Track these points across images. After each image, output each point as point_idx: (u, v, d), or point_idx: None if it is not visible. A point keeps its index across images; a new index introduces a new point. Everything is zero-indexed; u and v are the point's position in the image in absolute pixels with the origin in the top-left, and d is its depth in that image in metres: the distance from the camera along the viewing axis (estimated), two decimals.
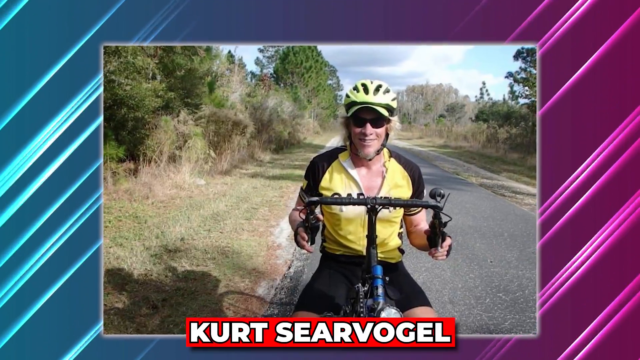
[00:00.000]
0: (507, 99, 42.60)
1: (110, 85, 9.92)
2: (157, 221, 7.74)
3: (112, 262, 5.59)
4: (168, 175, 10.98)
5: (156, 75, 12.42)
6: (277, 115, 25.18)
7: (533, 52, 26.33)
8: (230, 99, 18.29)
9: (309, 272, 5.52)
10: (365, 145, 2.44)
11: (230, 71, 22.18)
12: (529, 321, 4.45)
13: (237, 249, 6.51)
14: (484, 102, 70.01)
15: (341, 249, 2.66)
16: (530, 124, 27.25)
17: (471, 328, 4.29)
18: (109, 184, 9.58)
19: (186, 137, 12.60)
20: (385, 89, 2.40)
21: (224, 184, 12.30)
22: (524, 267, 6.07)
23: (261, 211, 9.21)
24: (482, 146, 31.73)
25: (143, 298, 4.68)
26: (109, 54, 9.66)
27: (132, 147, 11.29)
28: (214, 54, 15.97)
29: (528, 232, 8.08)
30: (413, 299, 2.47)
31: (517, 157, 24.19)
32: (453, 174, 17.49)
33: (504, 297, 5.04)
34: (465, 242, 7.24)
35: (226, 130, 15.90)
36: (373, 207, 2.15)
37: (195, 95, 14.38)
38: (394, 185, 2.58)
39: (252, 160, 18.44)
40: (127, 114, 10.65)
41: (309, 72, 52.63)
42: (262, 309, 4.66)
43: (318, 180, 2.61)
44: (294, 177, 14.27)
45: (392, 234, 2.65)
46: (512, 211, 10.05)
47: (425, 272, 5.75)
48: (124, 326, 4.10)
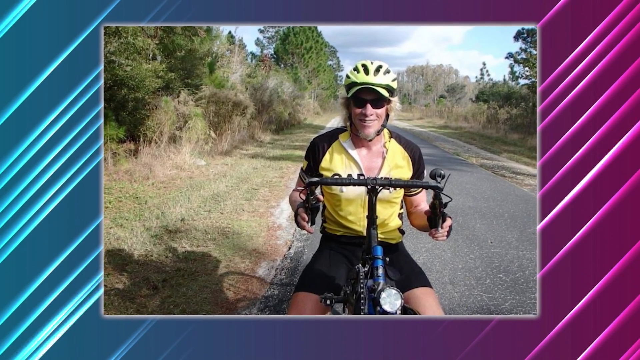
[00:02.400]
0: (508, 80, 42.58)
1: (111, 66, 9.88)
2: (157, 202, 7.75)
3: (113, 243, 5.60)
4: (168, 156, 10.98)
5: (156, 55, 12.37)
6: (277, 96, 25.11)
7: (533, 32, 26.18)
8: (230, 80, 18.24)
9: (309, 252, 5.53)
10: (366, 125, 2.43)
11: (230, 52, 22.08)
12: (529, 302, 4.47)
13: (237, 229, 6.52)
14: (484, 82, 69.79)
15: (341, 230, 2.66)
16: (531, 104, 27.18)
17: (471, 309, 4.31)
18: (109, 165, 9.58)
19: (186, 118, 12.59)
20: (386, 69, 2.38)
21: (224, 165, 12.30)
22: (524, 248, 6.08)
23: (261, 192, 9.22)
24: (482, 127, 31.69)
25: (143, 279, 4.69)
26: (109, 35, 9.61)
27: (133, 128, 11.27)
28: (214, 34, 15.90)
29: (528, 212, 8.09)
30: (413, 280, 2.48)
31: (517, 137, 24.17)
32: (453, 154, 17.47)
33: (504, 277, 5.06)
34: (466, 223, 7.24)
35: (226, 110, 15.87)
36: (373, 188, 2.15)
37: (196, 76, 14.35)
38: (395, 165, 2.58)
39: (252, 140, 18.43)
40: (127, 95, 10.62)
41: (309, 52, 52.44)
42: (262, 289, 4.67)
43: (318, 161, 2.60)
44: (294, 157, 14.27)
45: (393, 215, 2.65)
46: (513, 192, 10.04)
47: (426, 252, 5.76)
48: (124, 307, 4.12)
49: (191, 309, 4.14)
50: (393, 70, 2.44)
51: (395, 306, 1.85)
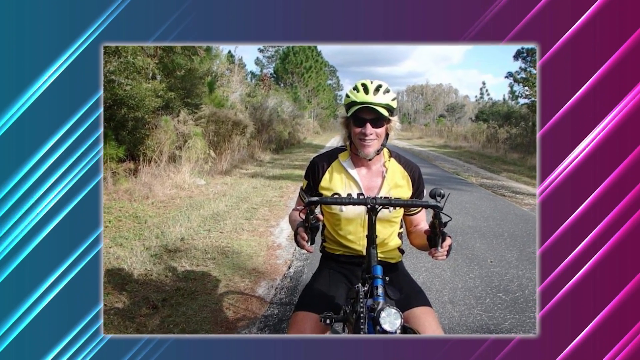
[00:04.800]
0: (507, 99, 42.77)
1: (110, 85, 9.92)
2: (157, 221, 7.74)
3: (112, 262, 5.59)
4: (168, 175, 10.98)
5: (156, 75, 12.42)
6: (277, 115, 25.20)
7: (533, 52, 26.34)
8: (230, 99, 18.31)
9: (309, 272, 5.52)
10: (365, 145, 2.44)
11: (230, 71, 22.18)
12: (529, 321, 4.46)
13: (237, 249, 6.51)
14: (484, 102, 70.20)
15: (341, 249, 2.66)
16: (530, 123, 27.26)
17: (471, 328, 4.29)
18: (109, 184, 9.59)
19: (186, 137, 12.61)
20: (385, 89, 2.40)
21: (224, 184, 12.30)
22: (524, 267, 6.07)
23: (261, 211, 9.21)
24: (482, 146, 31.74)
25: (143, 298, 4.68)
26: (109, 54, 9.66)
27: (132, 147, 11.29)
28: (213, 54, 15.96)
29: (528, 232, 8.08)
30: (413, 299, 2.47)
31: (517, 157, 24.19)
32: (453, 174, 17.49)
33: (504, 297, 5.04)
34: (465, 242, 7.23)
35: (226, 130, 15.91)
36: (373, 207, 2.15)
37: (195, 95, 14.39)
38: (394, 185, 2.58)
39: (252, 160, 18.45)
40: (127, 114, 10.64)
41: (309, 72, 52.65)
42: (262, 308, 4.66)
43: (318, 180, 2.61)
44: (294, 177, 14.27)
45: (392, 234, 2.65)
46: (512, 211, 10.04)
47: (425, 272, 5.75)
48: (124, 326, 4.11)
49: (191, 329, 4.13)
50: (393, 90, 2.45)
51: (395, 325, 1.84)
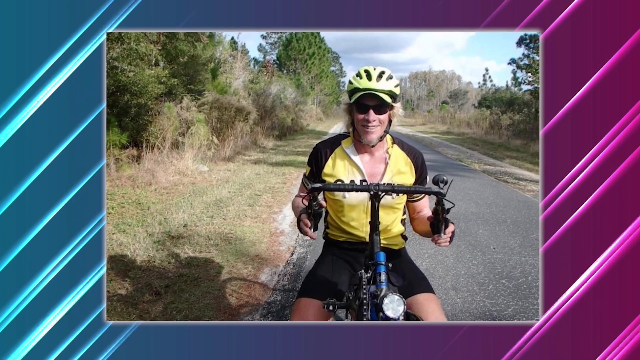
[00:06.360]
0: (510, 86, 42.68)
1: (113, 72, 9.91)
2: (160, 208, 7.75)
3: (115, 249, 5.60)
4: (171, 162, 10.98)
5: (159, 61, 12.39)
6: (280, 102, 25.17)
7: (536, 38, 26.23)
8: (233, 86, 18.28)
9: (312, 258, 5.52)
10: (368, 131, 2.43)
11: (233, 58, 22.10)
12: (532, 307, 4.46)
13: (240, 235, 6.52)
14: (487, 88, 70.02)
15: (344, 236, 2.65)
16: (533, 110, 27.17)
17: (474, 315, 4.30)
18: (112, 171, 9.59)
19: (189, 124, 12.60)
20: (388, 75, 2.38)
21: (227, 171, 12.30)
22: (527, 254, 6.07)
23: (264, 198, 9.21)
24: (485, 132, 31.68)
25: (146, 284, 4.69)
26: (112, 41, 9.64)
27: (135, 134, 11.29)
28: (216, 40, 15.93)
29: (531, 218, 8.07)
30: (416, 286, 2.47)
31: (520, 143, 24.15)
32: (456, 160, 17.46)
33: (507, 283, 5.05)
34: (468, 229, 7.23)
35: (229, 116, 15.89)
36: (376, 194, 2.14)
37: (198, 82, 14.37)
38: (397, 171, 2.57)
39: (255, 146, 18.44)
40: (130, 101, 10.64)
41: (312, 58, 52.56)
42: (264, 295, 4.67)
43: (321, 167, 2.60)
44: (296, 163, 14.27)
45: (395, 221, 2.65)
46: (515, 197, 10.03)
47: (428, 258, 5.75)
48: (127, 312, 4.12)
49: (194, 315, 4.14)
50: (396, 76, 2.44)
51: (398, 312, 1.84)
